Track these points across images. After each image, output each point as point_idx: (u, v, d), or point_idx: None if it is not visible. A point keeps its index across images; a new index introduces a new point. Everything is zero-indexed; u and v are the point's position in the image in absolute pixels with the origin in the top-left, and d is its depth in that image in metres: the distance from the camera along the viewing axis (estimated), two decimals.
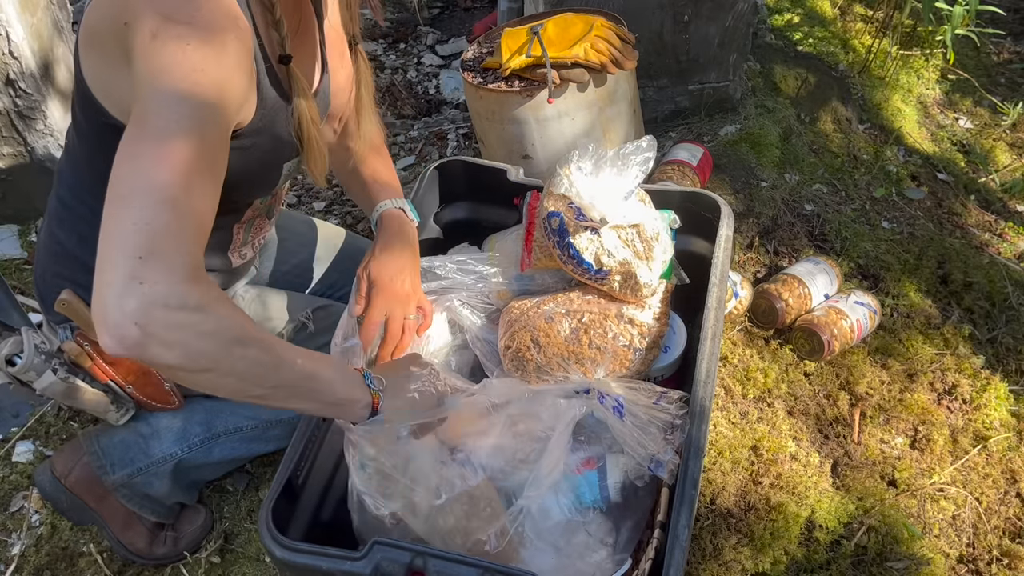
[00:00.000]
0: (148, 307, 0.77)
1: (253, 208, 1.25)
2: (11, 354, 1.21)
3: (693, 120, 2.28)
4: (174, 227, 0.81)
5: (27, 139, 1.95)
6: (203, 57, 0.87)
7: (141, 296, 0.77)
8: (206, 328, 0.81)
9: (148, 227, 0.80)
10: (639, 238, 1.31)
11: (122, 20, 0.89)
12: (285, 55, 1.04)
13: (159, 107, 0.85)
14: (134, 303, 0.77)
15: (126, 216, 0.81)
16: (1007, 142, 2.63)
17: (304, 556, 0.99)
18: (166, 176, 0.82)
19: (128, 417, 1.35)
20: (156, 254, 0.79)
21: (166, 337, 0.78)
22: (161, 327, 0.78)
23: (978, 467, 1.59)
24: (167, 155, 0.83)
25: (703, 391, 1.14)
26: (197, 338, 0.81)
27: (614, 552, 1.14)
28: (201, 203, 0.86)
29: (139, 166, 0.83)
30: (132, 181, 0.82)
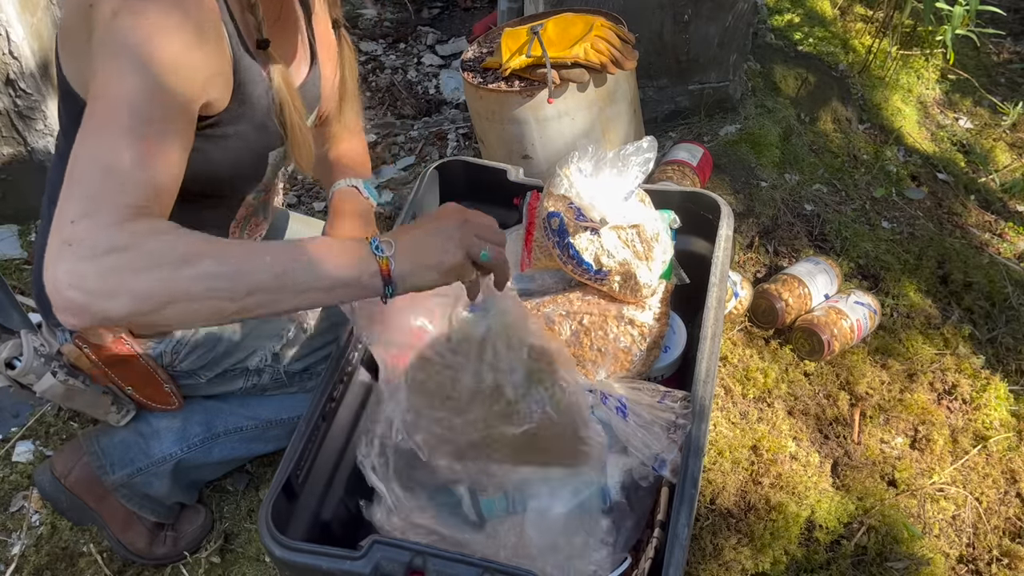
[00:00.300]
0: (76, 265, 0.76)
1: (246, 205, 1.25)
2: (11, 357, 1.21)
3: (693, 120, 2.28)
4: (110, 190, 0.80)
5: (27, 139, 1.95)
6: (160, 28, 0.86)
7: (69, 257, 0.76)
8: (141, 263, 0.78)
9: (83, 194, 0.79)
10: (639, 238, 1.31)
11: (87, 3, 0.89)
12: (262, 40, 1.04)
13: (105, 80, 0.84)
14: (64, 267, 0.76)
15: (67, 183, 0.80)
16: (1007, 142, 2.63)
17: (304, 555, 0.99)
18: (104, 144, 0.81)
19: (129, 418, 1.35)
20: (86, 215, 0.78)
21: (103, 287, 0.76)
22: (95, 279, 0.76)
23: (978, 467, 1.59)
24: (110, 124, 0.82)
25: (703, 391, 1.14)
26: (135, 276, 0.77)
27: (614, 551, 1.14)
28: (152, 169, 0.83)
29: (82, 138, 0.83)
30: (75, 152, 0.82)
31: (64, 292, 0.76)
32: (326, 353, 1.41)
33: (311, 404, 1.17)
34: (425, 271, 0.91)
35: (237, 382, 1.38)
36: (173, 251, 0.80)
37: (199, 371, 1.33)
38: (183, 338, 1.27)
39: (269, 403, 1.44)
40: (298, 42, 1.19)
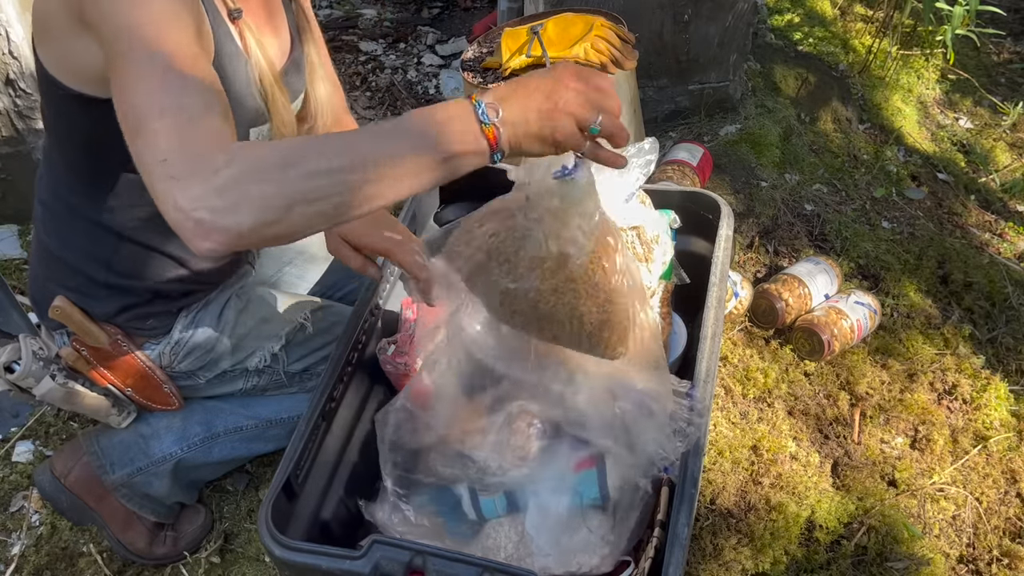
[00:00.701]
0: (192, 192, 0.76)
1: None
2: (9, 361, 1.21)
3: (693, 120, 2.28)
4: (182, 124, 0.80)
5: (27, 139, 1.95)
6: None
7: (182, 189, 0.76)
8: (249, 174, 0.78)
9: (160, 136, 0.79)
10: (639, 240, 1.31)
11: None
12: (234, 9, 1.03)
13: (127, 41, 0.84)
14: (180, 198, 0.76)
15: (139, 142, 0.81)
16: (1007, 142, 2.63)
17: (304, 555, 0.99)
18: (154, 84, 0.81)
19: (130, 420, 1.35)
20: (176, 151, 0.78)
21: (224, 203, 0.76)
22: (214, 197, 0.76)
23: (978, 467, 1.59)
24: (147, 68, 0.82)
25: (703, 391, 1.14)
26: (249, 187, 0.77)
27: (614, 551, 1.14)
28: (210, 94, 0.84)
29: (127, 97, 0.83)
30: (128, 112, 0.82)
31: (192, 216, 0.76)
32: (326, 353, 1.40)
33: (311, 404, 1.17)
34: (533, 141, 0.87)
35: (237, 383, 1.38)
36: (274, 156, 0.79)
37: (198, 372, 1.33)
38: (181, 339, 1.27)
39: (269, 403, 1.44)
40: (278, 24, 1.18)
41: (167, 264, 1.21)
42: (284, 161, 0.79)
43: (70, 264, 1.19)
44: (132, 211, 1.13)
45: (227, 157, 0.78)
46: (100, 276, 1.19)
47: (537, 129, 0.86)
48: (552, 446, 1.18)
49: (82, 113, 1.01)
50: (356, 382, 1.31)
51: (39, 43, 1.01)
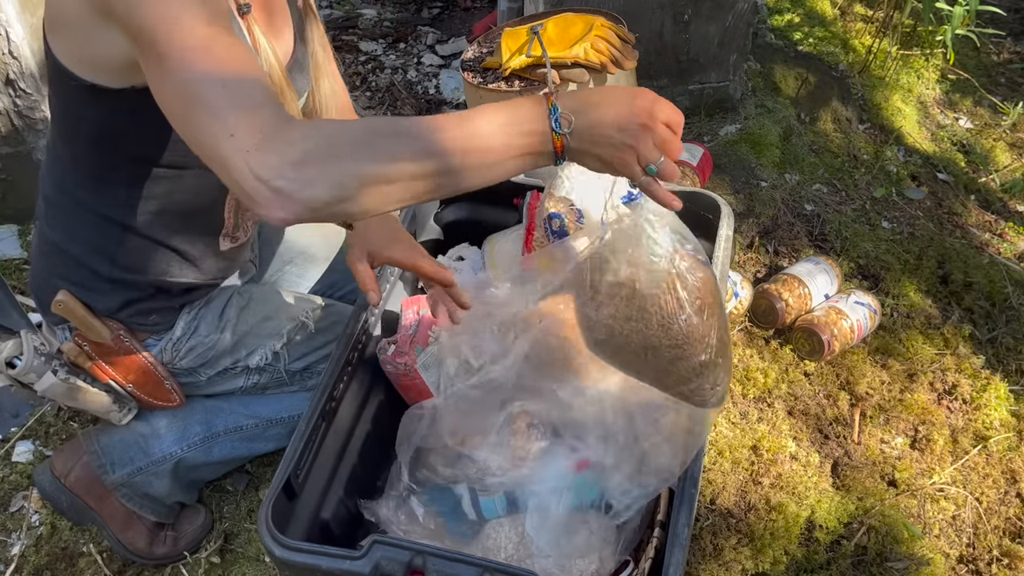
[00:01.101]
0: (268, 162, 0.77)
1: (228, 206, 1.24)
2: (11, 356, 1.21)
3: (693, 120, 2.28)
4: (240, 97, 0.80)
5: (27, 139, 1.95)
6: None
7: (256, 159, 0.77)
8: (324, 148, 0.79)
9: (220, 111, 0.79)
10: None
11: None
12: (243, 4, 1.03)
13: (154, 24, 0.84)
14: (256, 166, 0.77)
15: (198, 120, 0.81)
16: (1007, 142, 2.63)
17: (304, 555, 0.99)
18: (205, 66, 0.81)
19: (131, 417, 1.35)
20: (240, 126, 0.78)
21: (300, 175, 0.77)
22: (290, 169, 0.77)
23: (978, 467, 1.59)
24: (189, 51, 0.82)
25: None
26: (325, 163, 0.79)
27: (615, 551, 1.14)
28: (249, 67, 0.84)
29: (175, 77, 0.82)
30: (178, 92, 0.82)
31: (270, 184, 0.77)
32: (326, 352, 1.40)
33: (311, 403, 1.17)
34: (592, 160, 0.90)
35: (238, 380, 1.38)
36: (350, 134, 0.81)
37: (199, 369, 1.33)
38: (183, 336, 1.27)
39: (269, 402, 1.44)
40: (280, 24, 1.18)
41: (172, 259, 1.21)
42: (359, 142, 0.81)
43: (74, 257, 1.19)
44: (139, 205, 1.13)
45: (299, 132, 0.79)
46: (104, 270, 1.19)
47: (600, 152, 0.89)
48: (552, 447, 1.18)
49: (94, 104, 1.01)
50: (356, 382, 1.31)
51: (51, 33, 1.00)
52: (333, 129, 0.81)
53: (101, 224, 1.16)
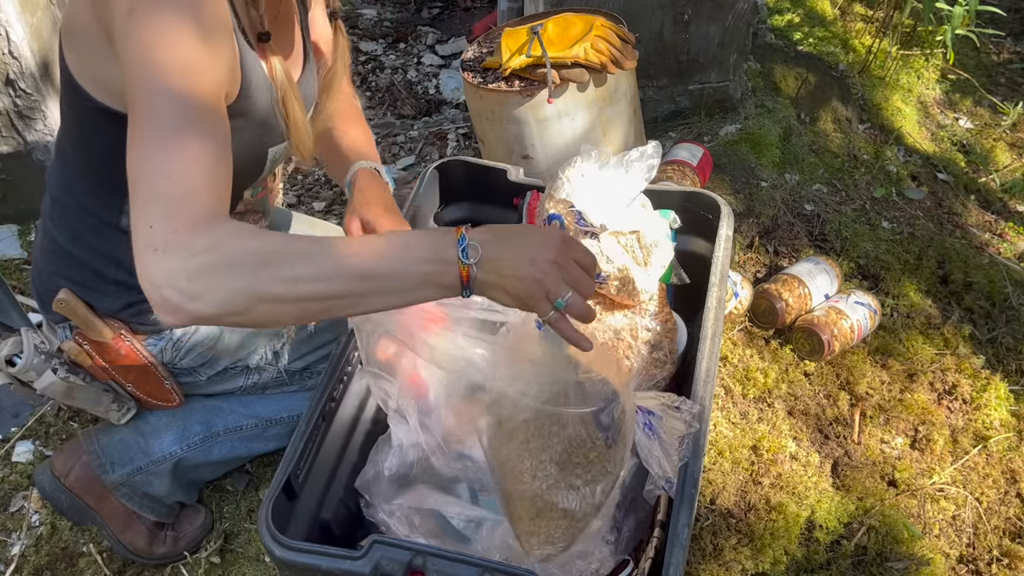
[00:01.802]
0: (166, 267, 0.79)
1: (244, 201, 1.24)
2: (11, 354, 1.21)
3: (693, 120, 2.28)
4: (175, 191, 0.82)
5: (27, 139, 1.95)
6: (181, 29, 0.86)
7: (158, 261, 0.79)
8: (225, 265, 0.80)
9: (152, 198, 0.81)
10: (638, 244, 1.31)
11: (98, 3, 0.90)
12: (264, 32, 1.04)
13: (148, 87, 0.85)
14: (154, 269, 0.79)
15: (136, 192, 0.83)
16: (1007, 142, 2.63)
17: (304, 555, 0.99)
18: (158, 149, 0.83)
19: (130, 416, 1.35)
20: (161, 219, 0.80)
21: (193, 288, 0.78)
22: (185, 281, 0.78)
23: (978, 467, 1.59)
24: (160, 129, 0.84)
25: (703, 391, 1.14)
26: (221, 279, 0.79)
27: (615, 551, 1.14)
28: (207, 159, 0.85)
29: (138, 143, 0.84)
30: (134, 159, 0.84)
31: (160, 291, 0.79)
32: (326, 352, 1.41)
33: (311, 403, 1.17)
34: (500, 293, 0.89)
35: (237, 380, 1.38)
36: (254, 253, 0.81)
37: (199, 368, 1.33)
38: (183, 335, 1.27)
39: (269, 402, 1.44)
40: (295, 38, 1.19)
41: None
42: (260, 260, 0.81)
43: (78, 258, 1.19)
44: None
45: (207, 241, 0.80)
46: (109, 272, 1.19)
47: (507, 284, 0.88)
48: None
49: (107, 124, 1.01)
50: (356, 382, 1.31)
51: (66, 47, 1.01)
52: (239, 244, 0.81)
53: (107, 230, 1.16)
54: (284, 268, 0.82)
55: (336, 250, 0.84)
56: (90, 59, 0.98)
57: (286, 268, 0.82)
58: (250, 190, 1.24)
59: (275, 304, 0.82)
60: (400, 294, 0.86)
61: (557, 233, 0.90)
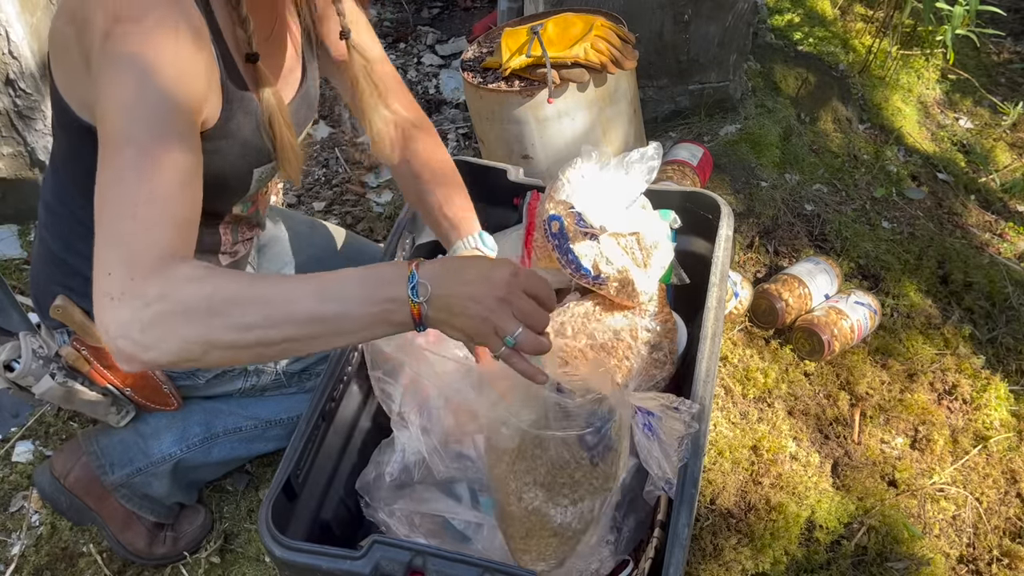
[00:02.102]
0: (121, 316, 0.80)
1: (234, 215, 1.24)
2: (9, 359, 1.21)
3: (693, 120, 2.28)
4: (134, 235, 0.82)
5: (27, 139, 1.95)
6: (155, 56, 0.86)
7: (113, 311, 0.80)
8: (178, 315, 0.80)
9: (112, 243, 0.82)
10: (638, 246, 1.31)
11: (79, 18, 0.89)
12: (252, 53, 1.03)
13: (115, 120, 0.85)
14: (109, 319, 0.80)
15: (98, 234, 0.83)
16: (1007, 142, 2.63)
17: (304, 556, 0.99)
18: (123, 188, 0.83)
19: (129, 418, 1.35)
20: (121, 264, 0.81)
21: (146, 339, 0.80)
22: (139, 332, 0.79)
23: (978, 467, 1.59)
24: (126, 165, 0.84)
25: (703, 391, 1.14)
26: (174, 328, 0.80)
27: (615, 551, 1.14)
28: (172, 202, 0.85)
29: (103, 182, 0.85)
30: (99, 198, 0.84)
31: (115, 342, 0.80)
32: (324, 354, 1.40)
33: (311, 404, 1.17)
34: (450, 329, 0.89)
35: (236, 382, 1.38)
36: (205, 300, 0.81)
37: (198, 371, 1.33)
38: None
39: (268, 403, 1.44)
40: (289, 55, 1.17)
41: None
42: (211, 309, 0.81)
43: (72, 266, 1.19)
44: None
45: (160, 290, 0.80)
46: None
47: (456, 322, 0.88)
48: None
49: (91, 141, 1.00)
50: (356, 382, 1.31)
51: (52, 62, 1.00)
52: (192, 292, 0.81)
53: None
54: (235, 316, 0.82)
55: (288, 294, 0.84)
56: (73, 78, 0.97)
57: (237, 316, 0.82)
58: (240, 205, 1.24)
59: (228, 350, 0.83)
60: (353, 334, 0.86)
61: (507, 267, 0.90)
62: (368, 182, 2.32)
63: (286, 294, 0.84)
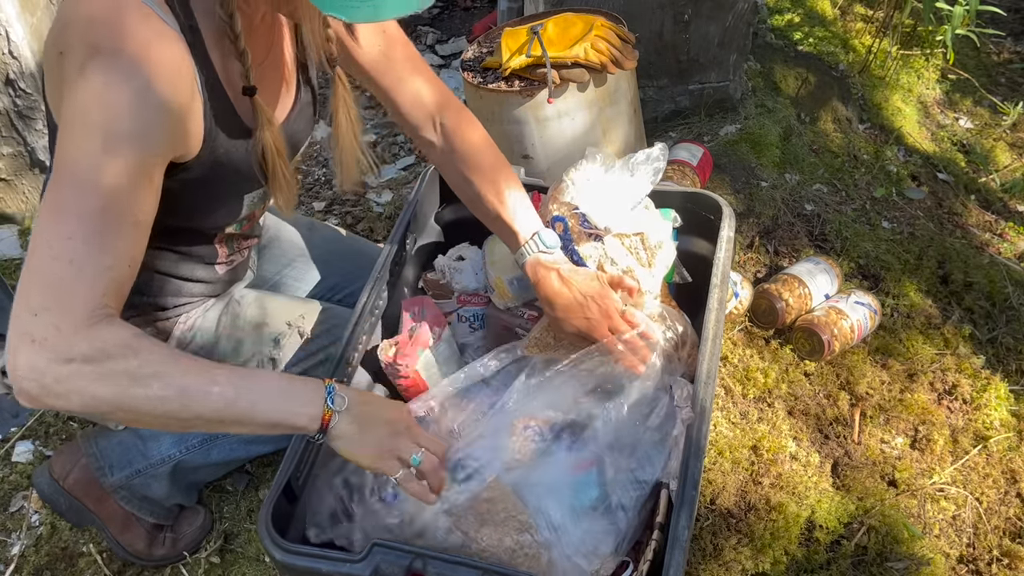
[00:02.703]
0: (36, 362, 0.80)
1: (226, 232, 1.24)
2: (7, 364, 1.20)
3: (693, 120, 2.28)
4: (69, 281, 0.82)
5: (27, 139, 1.95)
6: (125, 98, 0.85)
7: (30, 354, 0.80)
8: (97, 377, 0.83)
9: (43, 283, 0.82)
10: (642, 246, 1.31)
11: (59, 49, 0.89)
12: (249, 87, 1.01)
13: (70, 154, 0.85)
14: (23, 360, 0.81)
15: (28, 269, 0.83)
16: (1007, 142, 2.63)
17: (304, 559, 0.99)
18: (65, 229, 0.83)
19: None
20: (47, 310, 0.81)
21: (57, 389, 0.81)
22: (51, 381, 0.81)
23: (978, 467, 1.59)
24: (69, 207, 0.84)
25: (704, 391, 1.14)
26: (89, 386, 0.82)
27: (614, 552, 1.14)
28: (111, 252, 0.86)
29: (43, 218, 0.84)
30: (37, 233, 0.84)
31: (21, 381, 0.81)
32: (324, 356, 1.40)
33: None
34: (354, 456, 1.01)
35: None
36: (126, 371, 0.84)
37: None
38: (180, 344, 1.27)
39: None
40: (283, 74, 1.16)
41: (174, 283, 1.23)
42: (134, 379, 0.85)
43: None
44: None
45: (87, 349, 0.82)
46: None
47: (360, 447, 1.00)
48: (551, 448, 1.18)
49: None
50: (356, 383, 1.30)
51: (45, 75, 0.99)
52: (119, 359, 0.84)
53: None
54: (154, 389, 0.85)
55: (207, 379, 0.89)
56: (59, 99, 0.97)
57: (156, 390, 0.85)
58: (234, 225, 1.24)
59: (135, 414, 0.87)
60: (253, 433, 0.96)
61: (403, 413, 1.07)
62: (368, 182, 2.32)
63: (203, 379, 0.89)
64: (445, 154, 1.31)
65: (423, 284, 1.52)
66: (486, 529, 1.03)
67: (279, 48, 1.13)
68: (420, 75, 1.28)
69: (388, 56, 1.22)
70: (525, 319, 1.43)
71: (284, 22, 1.13)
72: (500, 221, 1.28)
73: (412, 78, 1.26)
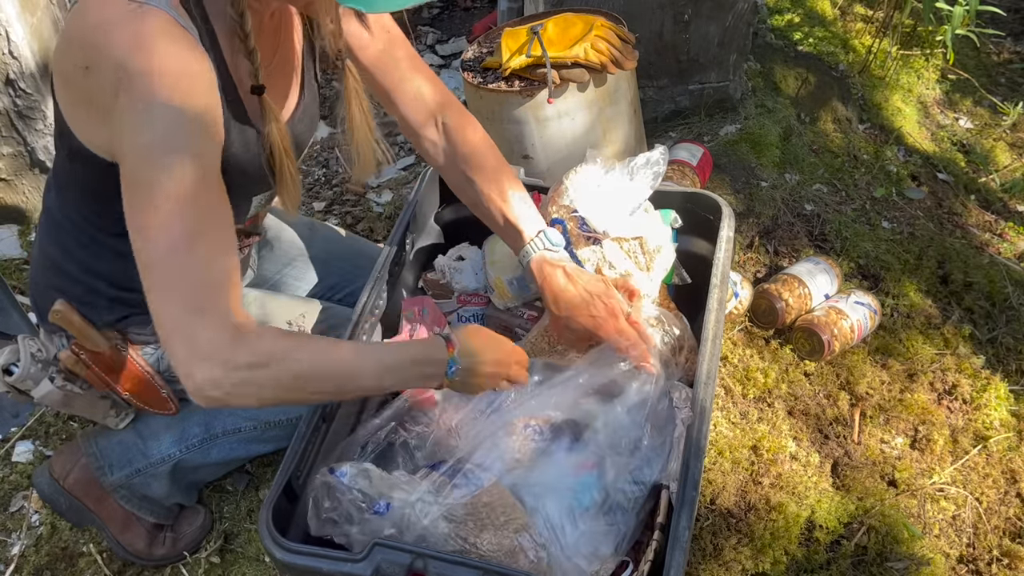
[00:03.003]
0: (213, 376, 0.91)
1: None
2: (8, 363, 1.20)
3: (693, 120, 2.28)
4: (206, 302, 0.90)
5: (27, 139, 1.95)
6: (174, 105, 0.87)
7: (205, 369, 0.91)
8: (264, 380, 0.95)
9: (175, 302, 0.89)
10: (641, 250, 1.31)
11: (83, 64, 0.90)
12: (258, 86, 1.01)
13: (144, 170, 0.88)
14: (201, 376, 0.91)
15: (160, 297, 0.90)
16: (1007, 142, 2.63)
17: (305, 558, 0.99)
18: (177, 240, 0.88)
19: (128, 421, 1.35)
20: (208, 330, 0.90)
21: (236, 393, 0.93)
22: (230, 387, 0.92)
23: (978, 467, 1.59)
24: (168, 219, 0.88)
25: (704, 392, 1.14)
26: (262, 388, 0.95)
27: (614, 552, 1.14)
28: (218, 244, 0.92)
29: (150, 238, 0.89)
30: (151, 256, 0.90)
31: (207, 393, 0.93)
32: None
33: (311, 405, 1.17)
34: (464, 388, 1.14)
35: None
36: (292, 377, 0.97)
37: None
38: None
39: None
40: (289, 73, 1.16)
41: None
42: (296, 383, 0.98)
43: (72, 275, 1.18)
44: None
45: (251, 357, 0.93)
46: (102, 288, 1.19)
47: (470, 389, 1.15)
48: (551, 448, 1.18)
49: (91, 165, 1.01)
50: None
51: (56, 85, 1.00)
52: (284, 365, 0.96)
53: (101, 249, 1.15)
54: (312, 386, 1.00)
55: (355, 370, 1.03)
56: (75, 108, 0.97)
57: (314, 386, 1.00)
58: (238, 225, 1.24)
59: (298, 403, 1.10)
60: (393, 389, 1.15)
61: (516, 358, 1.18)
62: (368, 182, 2.32)
63: (353, 370, 1.03)
64: (446, 154, 1.31)
65: (423, 284, 1.52)
66: (486, 534, 1.03)
67: (286, 47, 1.14)
68: (421, 75, 1.28)
69: (390, 55, 1.23)
70: (525, 319, 1.44)
71: (290, 21, 1.14)
72: (504, 220, 1.28)
73: (413, 77, 1.27)
